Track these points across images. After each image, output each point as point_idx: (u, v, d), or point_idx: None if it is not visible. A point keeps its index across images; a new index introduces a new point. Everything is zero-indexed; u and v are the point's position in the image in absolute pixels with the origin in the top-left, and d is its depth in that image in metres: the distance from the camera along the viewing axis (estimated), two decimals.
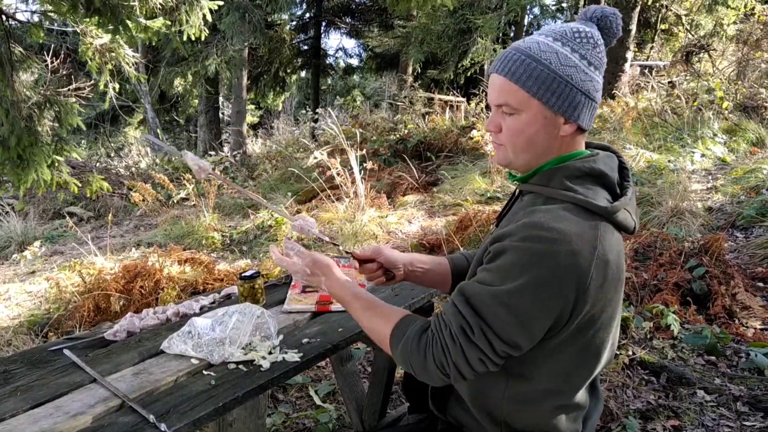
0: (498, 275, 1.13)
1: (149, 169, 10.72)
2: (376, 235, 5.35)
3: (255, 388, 1.42)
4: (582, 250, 1.09)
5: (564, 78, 1.17)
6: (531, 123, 1.20)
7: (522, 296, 1.09)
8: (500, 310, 1.11)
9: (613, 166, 1.26)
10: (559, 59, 1.17)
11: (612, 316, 1.22)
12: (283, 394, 2.94)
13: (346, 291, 1.44)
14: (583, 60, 1.19)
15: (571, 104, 1.18)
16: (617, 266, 1.16)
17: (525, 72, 1.18)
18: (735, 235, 4.82)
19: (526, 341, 1.13)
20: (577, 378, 1.26)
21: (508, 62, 1.20)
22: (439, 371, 1.19)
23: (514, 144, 1.24)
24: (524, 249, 1.10)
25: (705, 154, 7.10)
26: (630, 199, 1.23)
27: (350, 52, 20.92)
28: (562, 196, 1.17)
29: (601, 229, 1.14)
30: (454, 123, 9.29)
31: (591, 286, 1.11)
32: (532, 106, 1.19)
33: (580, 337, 1.18)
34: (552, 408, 1.26)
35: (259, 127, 19.46)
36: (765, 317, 3.47)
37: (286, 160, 9.74)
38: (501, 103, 1.23)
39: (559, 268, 1.08)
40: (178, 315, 1.87)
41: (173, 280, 3.96)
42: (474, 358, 1.15)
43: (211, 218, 6.18)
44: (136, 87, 12.32)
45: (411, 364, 1.24)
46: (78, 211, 8.32)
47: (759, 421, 2.54)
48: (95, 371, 1.48)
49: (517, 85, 1.18)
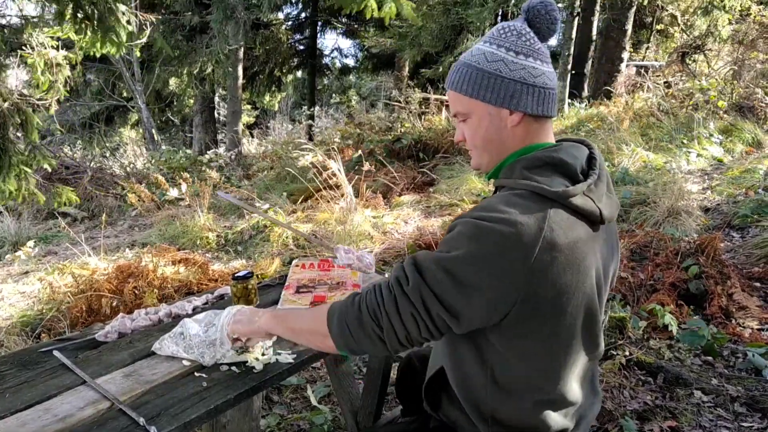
0: (446, 244, 1.17)
1: (144, 168, 10.68)
2: (372, 236, 5.33)
3: (247, 389, 1.40)
4: (526, 230, 1.12)
5: (492, 73, 1.26)
6: (480, 122, 1.30)
7: (463, 264, 1.12)
8: (439, 273, 1.14)
9: (577, 155, 1.28)
10: (486, 57, 1.27)
11: (579, 304, 1.21)
12: (278, 396, 2.92)
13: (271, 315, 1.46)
14: (510, 51, 1.26)
15: (506, 94, 1.25)
16: (573, 251, 1.16)
17: (460, 79, 1.29)
18: (731, 234, 4.81)
19: (461, 309, 1.14)
20: (552, 370, 1.26)
21: (451, 75, 1.33)
22: (374, 323, 1.21)
23: (476, 146, 1.34)
24: (471, 224, 1.14)
25: (701, 154, 7.10)
26: (594, 186, 1.25)
27: (346, 52, 20.84)
28: (519, 185, 1.21)
29: (551, 213, 1.15)
30: (450, 123, 9.27)
31: (536, 268, 1.12)
32: (476, 107, 1.29)
33: (541, 323, 1.19)
34: (534, 402, 1.27)
35: (255, 128, 19.43)
36: (762, 317, 3.46)
37: (282, 160, 9.71)
38: (454, 113, 1.35)
39: (503, 246, 1.11)
40: (171, 316, 1.84)
41: (166, 281, 3.93)
42: (406, 312, 1.17)
43: (205, 218, 6.15)
44: (130, 87, 12.27)
45: (347, 324, 1.24)
46: (72, 211, 8.27)
47: (757, 422, 2.53)
48: (85, 373, 1.46)
49: (459, 92, 1.30)
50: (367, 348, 1.25)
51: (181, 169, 9.74)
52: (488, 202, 1.19)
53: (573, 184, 1.23)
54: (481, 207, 1.18)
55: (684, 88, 8.91)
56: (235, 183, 9.13)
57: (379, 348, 1.24)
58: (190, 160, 10.52)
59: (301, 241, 5.42)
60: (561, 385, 1.28)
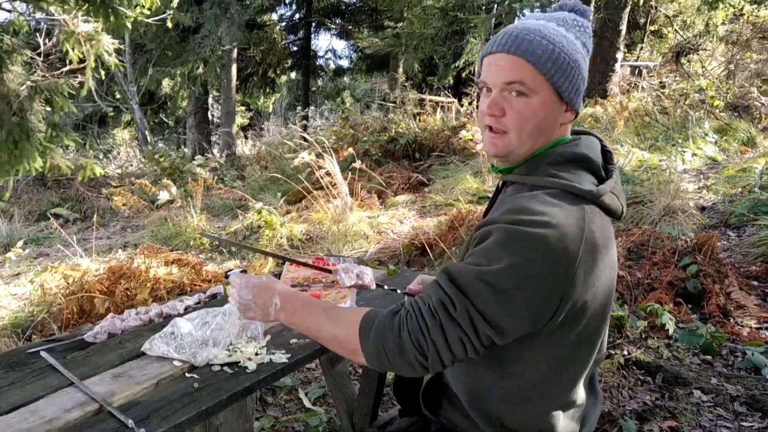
0: (484, 256, 1.08)
1: (137, 170, 10.61)
2: (367, 236, 5.30)
3: (240, 390, 1.36)
4: (569, 232, 1.05)
5: (573, 63, 1.15)
6: (542, 107, 1.15)
7: (508, 276, 1.04)
8: (484, 289, 1.05)
9: (595, 149, 1.23)
10: (569, 44, 1.15)
11: (605, 304, 1.17)
12: (272, 397, 2.88)
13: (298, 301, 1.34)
14: (584, 48, 1.19)
15: (576, 91, 1.17)
16: (606, 251, 1.13)
17: (544, 53, 1.12)
18: (728, 233, 4.80)
19: (509, 325, 1.08)
20: (572, 373, 1.22)
21: (522, 41, 1.13)
22: (417, 351, 1.11)
23: (522, 129, 1.16)
24: (510, 231, 1.06)
25: (696, 153, 7.10)
26: (615, 182, 1.21)
27: (340, 54, 20.85)
28: (547, 183, 1.14)
29: (589, 212, 1.11)
30: (445, 123, 9.26)
31: (579, 271, 1.07)
32: (545, 88, 1.14)
33: (573, 326, 1.14)
34: (547, 406, 1.22)
35: (249, 129, 19.36)
36: (760, 316, 3.44)
37: (276, 161, 9.67)
38: (514, 80, 1.14)
39: (547, 250, 1.04)
40: (162, 316, 1.80)
41: (159, 282, 3.88)
42: (454, 337, 1.08)
43: (198, 219, 6.10)
44: (123, 88, 12.20)
45: (385, 349, 1.14)
46: (64, 212, 8.22)
47: (757, 421, 2.50)
48: (73, 374, 1.42)
49: (534, 65, 1.12)
50: (405, 371, 1.16)
51: (175, 169, 9.66)
52: (520, 204, 1.10)
53: (597, 179, 1.19)
54: (514, 209, 1.09)
55: (678, 88, 8.92)
56: (229, 184, 9.08)
57: (419, 372, 1.15)
58: (184, 161, 10.47)
59: (295, 242, 5.38)
60: (575, 388, 1.24)
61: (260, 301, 1.37)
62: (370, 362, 1.19)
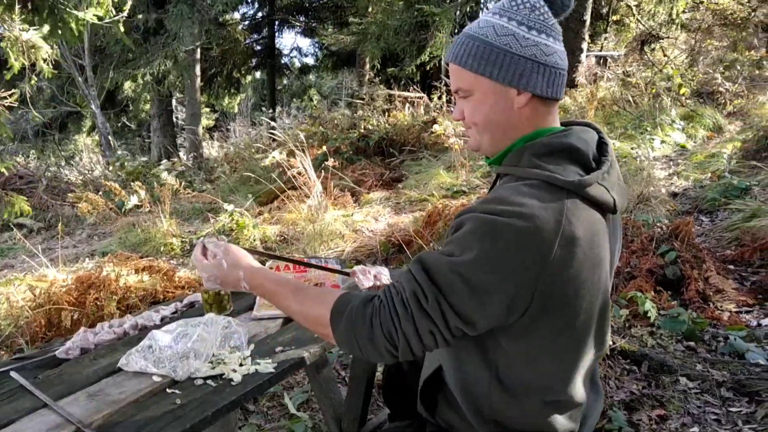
0: (457, 246, 1.07)
1: (102, 177, 10.34)
2: (343, 235, 5.22)
3: (226, 405, 1.29)
4: (544, 225, 1.03)
5: (502, 48, 1.15)
6: (483, 101, 1.19)
7: (479, 267, 1.03)
8: (456, 280, 1.05)
9: (588, 140, 1.19)
10: (495, 31, 1.16)
11: (593, 301, 1.13)
12: (254, 405, 2.79)
13: (269, 280, 1.33)
14: (522, 26, 1.15)
15: (516, 72, 1.15)
16: (591, 245, 1.09)
17: (465, 52, 1.18)
18: (701, 219, 4.85)
19: (480, 317, 1.06)
20: (564, 370, 1.18)
21: (454, 47, 1.22)
22: (387, 342, 1.11)
23: (475, 125, 1.23)
24: (483, 220, 1.05)
25: (664, 140, 7.18)
26: (607, 174, 1.16)
27: (305, 51, 20.72)
28: (530, 174, 1.12)
29: (569, 204, 1.07)
30: (415, 118, 9.22)
31: (555, 264, 1.04)
32: (481, 84, 1.18)
33: (554, 321, 1.11)
34: (542, 404, 1.19)
35: (215, 130, 19.06)
36: (738, 299, 3.47)
37: (245, 162, 9.52)
38: (455, 88, 1.23)
39: (519, 242, 1.02)
40: (137, 328, 1.71)
41: (130, 290, 3.75)
42: (425, 329, 1.08)
43: (168, 224, 5.95)
44: (83, 92, 11.90)
45: (356, 337, 1.14)
46: (28, 222, 7.95)
47: (745, 406, 2.51)
48: (46, 395, 1.34)
49: (462, 66, 1.18)
50: (375, 359, 1.17)
51: (138, 174, 9.45)
52: (498, 194, 1.10)
53: (586, 171, 1.15)
54: (492, 199, 1.09)
55: (644, 76, 9.02)
56: (197, 188, 8.91)
57: (388, 360, 1.15)
58: (148, 166, 10.24)
59: (269, 243, 5.28)
60: (571, 386, 1.20)
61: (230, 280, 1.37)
62: (340, 346, 1.20)
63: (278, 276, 1.34)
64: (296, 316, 1.27)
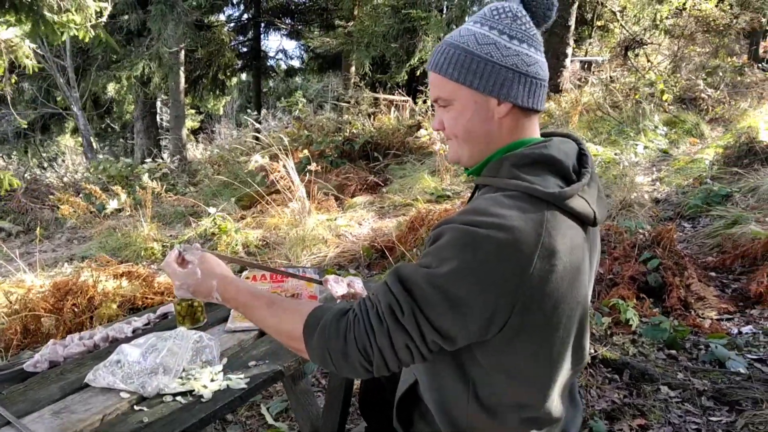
0: (436, 257, 1.04)
1: (83, 179, 10.21)
2: (326, 240, 5.18)
3: (195, 422, 1.25)
4: (524, 237, 1.01)
5: (483, 57, 1.13)
6: (463, 111, 1.17)
7: (456, 280, 1.01)
8: (433, 294, 1.02)
9: (568, 151, 1.17)
10: (476, 39, 1.14)
11: (571, 315, 1.11)
12: (231, 414, 2.75)
13: (243, 292, 1.28)
14: (503, 35, 1.14)
15: (496, 82, 1.13)
16: (570, 257, 1.07)
17: (446, 61, 1.16)
18: (683, 225, 4.86)
19: (457, 332, 1.04)
20: (541, 385, 1.16)
21: (434, 55, 1.20)
22: (362, 357, 1.08)
23: (455, 136, 1.21)
24: (463, 231, 1.02)
25: (647, 146, 7.21)
26: (588, 186, 1.15)
27: (291, 54, 20.55)
28: (510, 185, 1.10)
29: (549, 216, 1.05)
30: (400, 122, 9.20)
31: (535, 277, 1.02)
32: (461, 93, 1.16)
33: (532, 336, 1.08)
34: (519, 420, 1.17)
35: (200, 133, 18.94)
36: (720, 307, 3.47)
37: (229, 165, 9.44)
38: (435, 98, 1.21)
39: (498, 254, 1.00)
40: (107, 340, 1.67)
41: (108, 296, 3.69)
42: (400, 343, 1.06)
43: (149, 228, 5.87)
44: (66, 93, 11.76)
45: (329, 352, 1.10)
46: (6, 225, 7.83)
47: (725, 415, 2.50)
48: (9, 412, 1.29)
49: (442, 75, 1.17)
50: (348, 374, 1.14)
51: (120, 177, 9.34)
52: (478, 205, 1.07)
53: (566, 183, 1.13)
54: (471, 210, 1.06)
55: (628, 82, 9.06)
56: (180, 191, 8.82)
57: (363, 375, 1.12)
58: (131, 169, 10.13)
59: (251, 248, 5.22)
60: (548, 401, 1.18)
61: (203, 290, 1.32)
62: (313, 361, 1.16)
63: (253, 288, 1.29)
64: (270, 330, 1.23)
